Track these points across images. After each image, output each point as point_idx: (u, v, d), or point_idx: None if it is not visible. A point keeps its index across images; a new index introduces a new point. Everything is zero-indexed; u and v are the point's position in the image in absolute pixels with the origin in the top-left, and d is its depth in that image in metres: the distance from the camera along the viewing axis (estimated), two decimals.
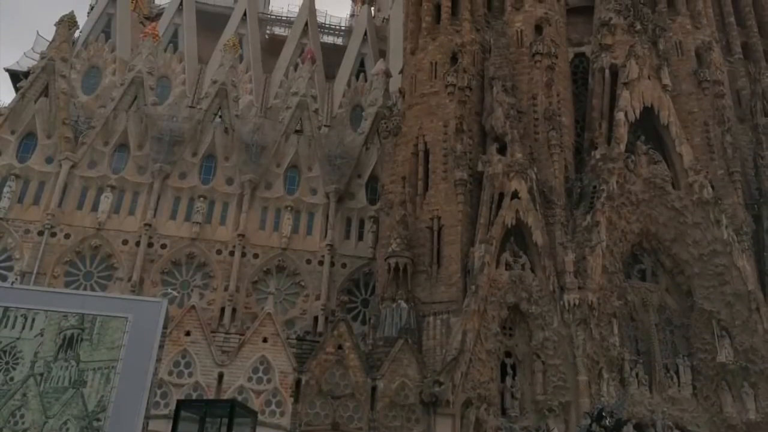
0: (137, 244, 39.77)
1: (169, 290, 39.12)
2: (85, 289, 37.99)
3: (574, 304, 32.21)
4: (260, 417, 27.28)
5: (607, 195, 34.94)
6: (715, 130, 39.29)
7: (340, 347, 31.89)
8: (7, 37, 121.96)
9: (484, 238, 33.30)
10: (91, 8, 52.38)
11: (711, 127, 39.40)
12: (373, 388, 31.03)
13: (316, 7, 57.52)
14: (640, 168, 36.51)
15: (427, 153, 37.67)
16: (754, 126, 41.31)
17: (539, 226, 33.80)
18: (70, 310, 26.27)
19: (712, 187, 36.47)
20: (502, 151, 35.86)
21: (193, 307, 32.97)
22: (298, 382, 31.03)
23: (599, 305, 32.64)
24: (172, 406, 28.61)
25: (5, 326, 24.24)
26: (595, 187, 35.57)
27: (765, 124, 41.26)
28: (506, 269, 32.94)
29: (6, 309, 25.75)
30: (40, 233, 38.90)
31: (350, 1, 68.46)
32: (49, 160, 41.07)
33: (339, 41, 58.71)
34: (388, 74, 49.50)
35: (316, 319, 39.63)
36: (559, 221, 34.73)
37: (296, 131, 45.62)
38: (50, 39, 45.58)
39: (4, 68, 47.13)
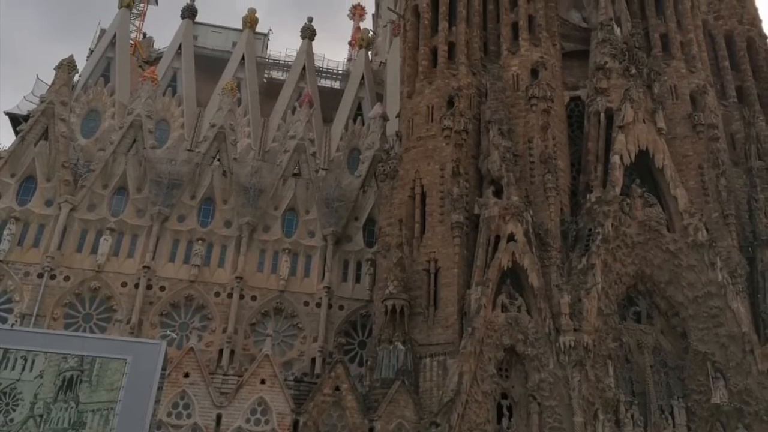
0: (136, 286, 40.02)
1: (168, 332, 39.35)
2: (84, 331, 38.22)
3: (570, 346, 32.17)
4: None
5: (603, 238, 35.00)
6: (710, 173, 39.40)
7: (337, 388, 32.17)
8: (7, 80, 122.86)
9: (481, 280, 33.39)
10: (91, 52, 52.98)
11: (706, 170, 39.48)
12: (371, 429, 31.28)
13: (314, 51, 58.21)
14: (635, 211, 36.51)
15: (423, 196, 37.76)
16: (749, 169, 41.42)
17: (535, 269, 33.80)
18: (70, 352, 27.14)
19: (707, 229, 36.53)
20: (498, 194, 35.95)
21: (192, 348, 33.25)
22: (295, 424, 31.29)
23: (595, 347, 32.65)
24: None
25: (5, 368, 25.01)
26: (590, 229, 35.62)
27: (759, 167, 41.26)
28: (502, 311, 32.92)
29: (6, 351, 26.56)
30: (40, 275, 39.18)
31: (347, 46, 68.79)
32: (48, 203, 41.44)
33: (336, 85, 58.89)
34: (385, 118, 49.66)
35: (313, 360, 39.89)
36: (555, 264, 34.73)
37: (294, 174, 45.93)
38: (50, 83, 46.02)
39: (4, 112, 47.69)
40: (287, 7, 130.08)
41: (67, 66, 46.69)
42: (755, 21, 49.22)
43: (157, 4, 64.22)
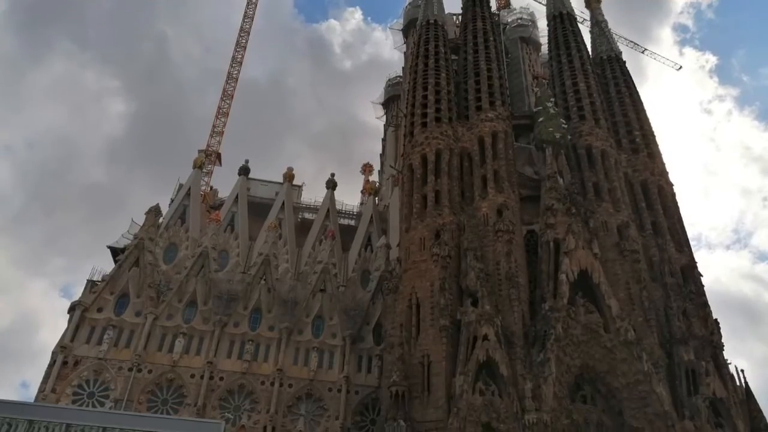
0: (202, 377, 39.83)
1: (225, 413, 38.78)
2: (161, 413, 37.84)
3: (533, 423, 31.37)
4: None
5: (555, 337, 34.57)
6: (635, 287, 39.09)
7: None
8: (110, 221, 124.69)
9: (463, 370, 33.04)
10: (171, 201, 53.67)
11: (631, 285, 39.14)
12: None
13: (335, 198, 58.64)
14: (579, 316, 36.11)
15: (418, 306, 37.49)
16: (664, 284, 41.04)
17: (504, 362, 33.36)
18: (153, 430, 26.89)
19: (635, 330, 36.12)
20: (474, 304, 35.73)
21: (243, 426, 33.05)
22: None
23: (552, 423, 31.85)
24: None
25: None
26: (545, 331, 35.12)
27: (672, 283, 41.00)
28: (480, 395, 32.32)
29: (104, 429, 26.35)
30: (130, 369, 39.16)
31: (360, 193, 69.56)
32: (138, 314, 41.66)
33: (352, 223, 58.97)
34: (388, 247, 49.90)
35: None
36: (520, 358, 34.18)
37: (321, 290, 46.01)
38: (141, 224, 46.76)
39: (107, 245, 47.87)
40: (316, 164, 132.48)
41: (154, 211, 47.65)
42: (663, 173, 49.21)
43: (221, 165, 65.49)
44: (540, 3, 72.21)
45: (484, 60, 50.32)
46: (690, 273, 43.30)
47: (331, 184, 59.32)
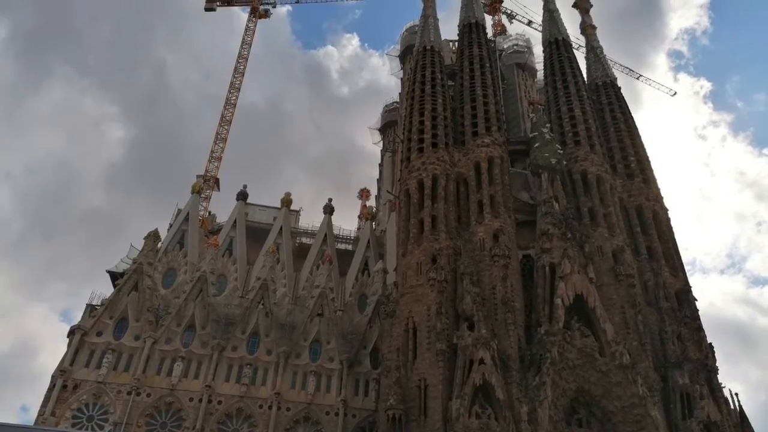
0: (200, 400, 40.13)
1: None
2: None
3: None
4: None
5: (551, 361, 34.64)
6: (630, 311, 39.22)
7: None
8: (109, 246, 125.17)
9: (459, 394, 33.02)
10: (170, 225, 54.05)
11: (626, 309, 39.28)
12: None
13: (333, 222, 59.06)
14: (574, 340, 36.21)
15: (415, 330, 37.57)
16: (659, 308, 41.31)
17: (500, 385, 33.34)
18: None
19: (630, 354, 36.23)
20: (471, 328, 35.83)
21: None
22: None
23: None
24: None
25: None
26: (541, 355, 35.17)
27: (666, 307, 41.29)
28: (476, 418, 32.08)
29: None
30: (129, 393, 39.47)
31: (357, 218, 69.83)
32: (136, 338, 42.07)
33: (349, 247, 59.29)
34: (385, 271, 50.28)
35: None
36: (515, 381, 34.14)
37: (318, 314, 46.30)
38: (140, 248, 47.20)
39: (106, 270, 48.25)
40: (313, 189, 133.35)
41: (152, 236, 48.14)
42: (658, 198, 49.74)
43: (219, 190, 65.91)
44: (536, 29, 73.94)
45: (480, 86, 50.96)
46: (685, 297, 43.62)
47: (329, 209, 59.83)
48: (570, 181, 47.16)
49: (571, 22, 63.71)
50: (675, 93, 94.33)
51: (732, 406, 37.88)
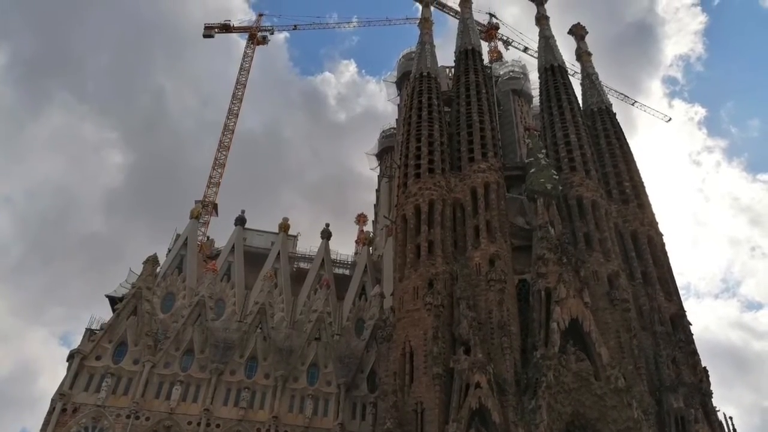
0: (198, 424, 40.50)
1: None
2: None
3: None
4: None
5: (547, 385, 34.64)
6: (625, 335, 39.34)
7: None
8: (108, 271, 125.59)
9: (456, 417, 33.18)
10: (169, 250, 54.55)
11: (621, 333, 39.36)
12: None
13: (330, 247, 59.59)
14: (570, 364, 36.29)
15: (412, 354, 37.78)
16: (653, 333, 41.50)
17: (497, 409, 33.47)
18: None
19: (625, 378, 36.29)
20: (467, 352, 35.96)
21: None
22: None
23: None
24: None
25: None
26: (537, 379, 35.16)
27: (661, 331, 41.53)
28: None
29: None
30: (128, 416, 39.76)
31: (354, 243, 70.38)
32: (135, 362, 42.43)
33: (346, 272, 59.59)
34: (382, 296, 50.48)
35: None
36: (511, 405, 34.19)
37: (316, 339, 46.67)
38: (139, 273, 47.63)
39: (105, 295, 48.73)
40: (311, 215, 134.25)
41: (151, 261, 48.55)
42: (653, 223, 50.02)
43: (217, 215, 66.57)
44: (531, 56, 75.11)
45: (476, 112, 51.58)
46: (679, 321, 43.91)
47: (326, 234, 60.35)
48: (566, 207, 47.47)
49: (566, 48, 64.81)
50: (670, 119, 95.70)
51: (726, 430, 38.16)
